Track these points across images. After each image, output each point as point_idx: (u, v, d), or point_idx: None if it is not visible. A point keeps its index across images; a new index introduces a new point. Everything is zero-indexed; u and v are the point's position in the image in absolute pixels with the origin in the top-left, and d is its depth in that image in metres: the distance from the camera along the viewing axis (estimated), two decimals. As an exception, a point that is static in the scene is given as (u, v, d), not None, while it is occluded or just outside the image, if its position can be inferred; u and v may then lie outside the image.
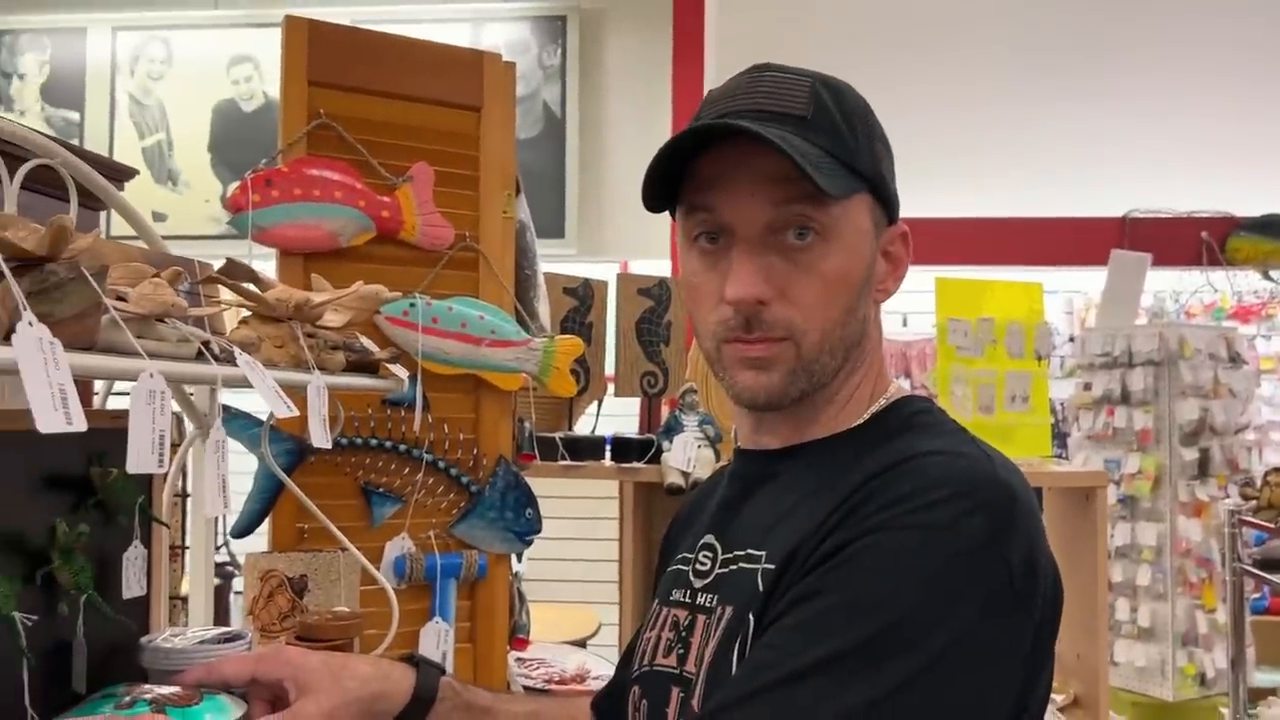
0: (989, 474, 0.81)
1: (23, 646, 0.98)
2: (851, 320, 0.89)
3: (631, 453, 2.24)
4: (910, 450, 0.83)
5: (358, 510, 1.65)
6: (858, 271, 0.88)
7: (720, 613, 0.88)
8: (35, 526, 1.04)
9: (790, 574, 0.82)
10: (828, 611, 0.76)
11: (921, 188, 5.04)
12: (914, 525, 0.77)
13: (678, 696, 0.91)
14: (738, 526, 0.94)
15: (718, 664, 0.86)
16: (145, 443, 0.81)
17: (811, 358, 0.88)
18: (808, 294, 0.86)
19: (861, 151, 0.88)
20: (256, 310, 1.11)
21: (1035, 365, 2.29)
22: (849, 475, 0.84)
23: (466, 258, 1.73)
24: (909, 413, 0.93)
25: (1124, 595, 3.75)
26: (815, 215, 0.86)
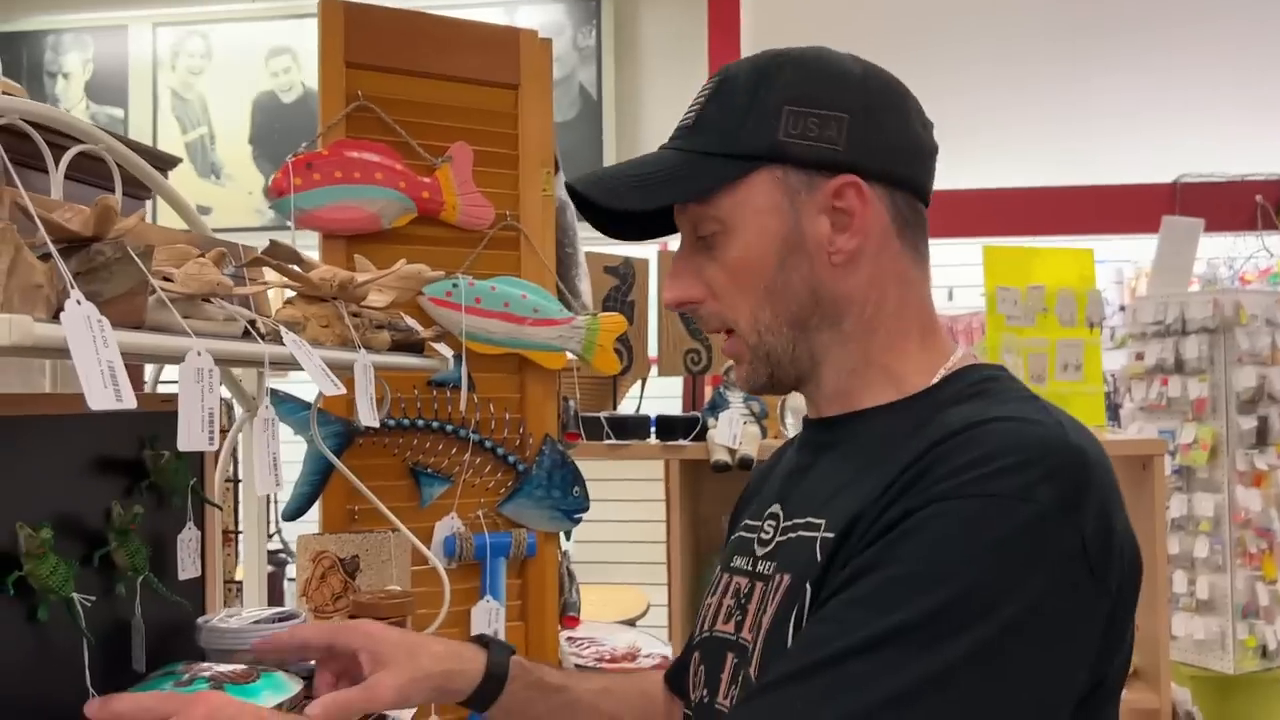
0: (1060, 439, 0.78)
1: (83, 627, 0.99)
2: (782, 296, 0.88)
3: (677, 431, 2.23)
4: (976, 417, 0.80)
5: (407, 491, 1.65)
6: (766, 250, 0.88)
7: (778, 580, 0.87)
8: (91, 509, 1.06)
9: (850, 544, 0.79)
10: (889, 584, 0.74)
11: (967, 158, 4.95)
12: (980, 494, 0.74)
13: (731, 662, 0.90)
14: (800, 494, 0.92)
15: (774, 632, 0.84)
16: (195, 421, 0.81)
17: (755, 342, 0.90)
18: (723, 286, 0.90)
19: (751, 131, 0.87)
20: (301, 290, 1.11)
21: (1087, 333, 2.25)
22: (910, 442, 0.81)
23: (508, 237, 1.73)
24: (975, 379, 0.89)
25: (1181, 568, 3.68)
26: (704, 213, 0.89)
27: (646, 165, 0.90)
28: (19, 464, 0.96)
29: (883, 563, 0.75)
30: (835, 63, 0.89)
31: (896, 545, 0.75)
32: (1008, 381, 0.90)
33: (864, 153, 0.87)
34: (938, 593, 0.72)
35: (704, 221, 0.89)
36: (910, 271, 0.91)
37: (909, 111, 0.91)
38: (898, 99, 0.90)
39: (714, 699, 0.92)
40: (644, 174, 0.89)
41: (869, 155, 0.87)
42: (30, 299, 0.71)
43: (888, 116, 0.88)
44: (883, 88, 0.90)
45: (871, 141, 0.87)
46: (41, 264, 0.73)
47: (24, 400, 1.02)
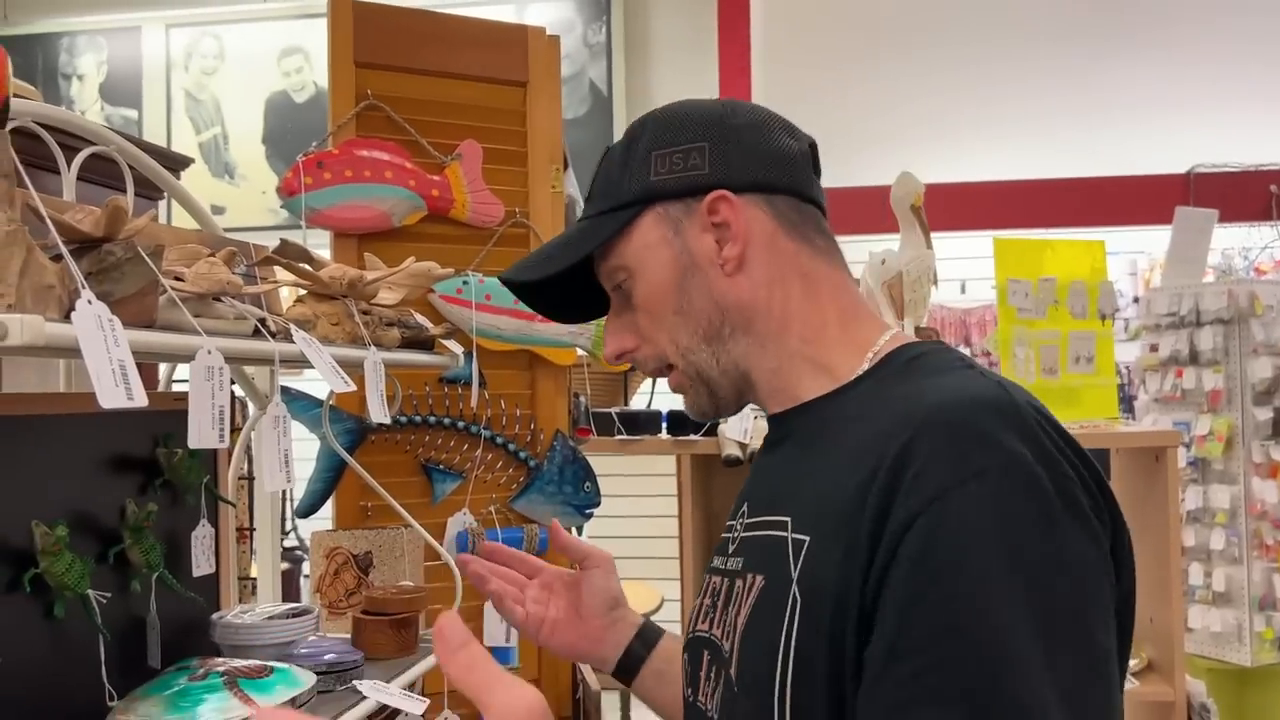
0: (1002, 400, 0.79)
1: (99, 623, 1.01)
2: (690, 314, 0.94)
3: (688, 426, 2.24)
4: (926, 399, 0.80)
5: (419, 487, 1.66)
6: (665, 279, 0.94)
7: (749, 580, 0.87)
8: (106, 507, 1.07)
9: (846, 556, 0.77)
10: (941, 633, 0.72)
11: (979, 151, 4.94)
12: (973, 479, 0.74)
13: (707, 659, 0.91)
14: (760, 491, 0.95)
15: (752, 634, 0.84)
16: (206, 418, 0.82)
17: (684, 366, 0.95)
18: (645, 326, 0.96)
19: (625, 182, 0.95)
20: (311, 288, 1.12)
21: (1099, 325, 2.24)
22: (857, 430, 0.83)
23: (517, 233, 1.74)
24: (906, 359, 0.91)
25: (1197, 560, 3.65)
26: (610, 268, 0.96)
27: (554, 241, 1.00)
28: (34, 462, 0.97)
29: (919, 604, 0.73)
30: (694, 106, 0.96)
31: (926, 573, 0.73)
32: (939, 355, 0.90)
33: (728, 170, 0.92)
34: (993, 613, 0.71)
35: (613, 273, 0.96)
36: (810, 265, 0.94)
37: (771, 126, 0.95)
38: (758, 118, 0.95)
39: (696, 697, 0.93)
40: (549, 249, 0.99)
41: (734, 170, 0.93)
42: (42, 299, 0.71)
43: (747, 134, 0.94)
44: (743, 112, 0.96)
45: (733, 159, 0.93)
46: (53, 264, 0.74)
47: (39, 400, 1.03)
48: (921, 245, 2.24)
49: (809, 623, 0.79)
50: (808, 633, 0.78)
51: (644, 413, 2.29)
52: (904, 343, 0.93)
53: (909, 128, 4.74)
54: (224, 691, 0.94)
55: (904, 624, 0.73)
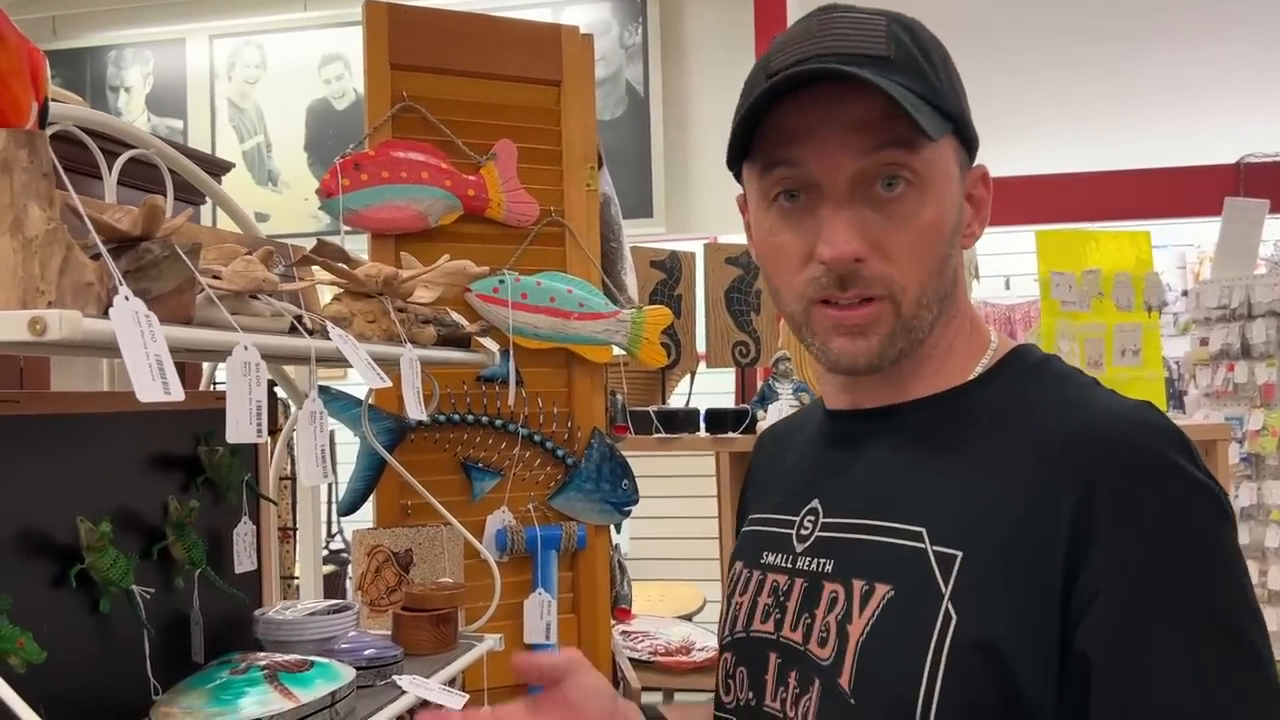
0: (1164, 423, 0.79)
1: (143, 618, 1.02)
2: (945, 271, 0.84)
3: (726, 423, 2.23)
4: (1092, 419, 0.79)
5: (458, 485, 1.67)
6: (950, 219, 0.83)
7: (865, 588, 0.82)
8: (149, 504, 1.08)
9: (1020, 573, 0.76)
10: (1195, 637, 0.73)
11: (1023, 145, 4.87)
12: (1195, 522, 0.75)
13: (775, 662, 0.88)
14: (848, 490, 0.89)
15: (880, 645, 0.80)
16: (243, 413, 0.83)
17: (910, 314, 0.83)
18: (904, 248, 0.81)
19: (945, 90, 0.82)
20: (348, 287, 1.13)
21: (1145, 317, 2.20)
22: (1024, 449, 0.80)
23: (552, 232, 1.74)
24: (1034, 361, 0.88)
25: (1252, 558, 3.57)
26: (907, 162, 0.80)
27: (893, 88, 0.78)
28: (80, 460, 0.99)
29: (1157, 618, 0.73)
30: None
31: (1153, 592, 0.73)
32: (1060, 362, 0.88)
33: (978, 143, 0.87)
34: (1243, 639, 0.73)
35: (895, 169, 0.80)
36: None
37: None
38: None
39: (761, 701, 0.88)
40: (897, 92, 0.78)
41: (977, 145, 0.87)
42: (81, 296, 0.73)
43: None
44: None
45: (975, 131, 0.87)
46: (92, 263, 0.76)
47: (84, 399, 1.05)
48: (961, 239, 2.21)
49: (972, 638, 0.75)
50: (968, 648, 0.75)
51: (682, 411, 2.28)
52: (1013, 346, 0.90)
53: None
54: (265, 685, 0.96)
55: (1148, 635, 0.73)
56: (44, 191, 0.73)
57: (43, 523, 0.94)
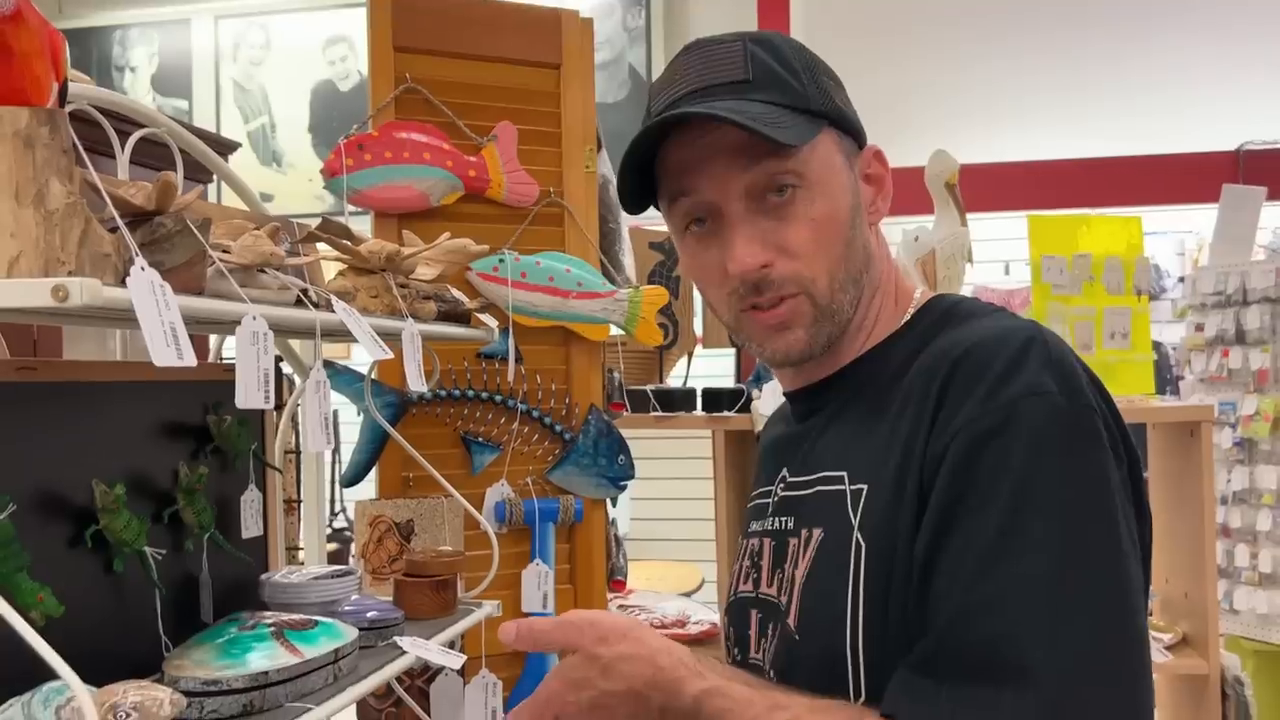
0: (1032, 333, 0.83)
1: (154, 578, 1.07)
2: (852, 254, 0.91)
3: (722, 403, 2.27)
4: (964, 339, 0.85)
5: (458, 459, 1.72)
6: (843, 207, 0.90)
7: (806, 535, 0.90)
8: (160, 471, 1.13)
9: (905, 490, 0.82)
10: (989, 538, 0.76)
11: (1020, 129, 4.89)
12: (1003, 407, 0.78)
13: (756, 617, 0.94)
14: (803, 456, 0.96)
15: (812, 583, 0.87)
16: (252, 380, 0.87)
17: (826, 303, 0.90)
18: (804, 244, 0.88)
19: (810, 91, 0.90)
20: (352, 263, 1.17)
21: (1135, 301, 2.23)
22: (903, 381, 0.86)
23: (552, 213, 1.78)
24: (944, 308, 0.94)
25: (1243, 541, 3.62)
26: (787, 168, 0.87)
27: (752, 108, 0.86)
28: (95, 426, 1.03)
29: (964, 517, 0.77)
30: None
31: (965, 489, 0.77)
32: (973, 302, 0.94)
33: (861, 129, 0.94)
34: (1036, 521, 0.75)
35: (780, 178, 0.87)
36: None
37: None
38: None
39: (746, 655, 0.96)
40: (755, 114, 0.86)
41: (863, 131, 0.94)
42: (100, 266, 0.77)
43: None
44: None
45: (855, 118, 0.94)
46: (110, 235, 0.80)
47: (98, 367, 1.09)
48: (956, 223, 2.25)
49: (877, 568, 0.82)
50: (878, 577, 0.81)
51: (679, 390, 2.32)
52: (932, 296, 0.97)
53: (946, 108, 4.71)
54: (271, 641, 1.00)
55: (950, 519, 0.77)
56: (64, 167, 0.77)
57: (60, 485, 0.98)
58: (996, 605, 0.74)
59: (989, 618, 0.74)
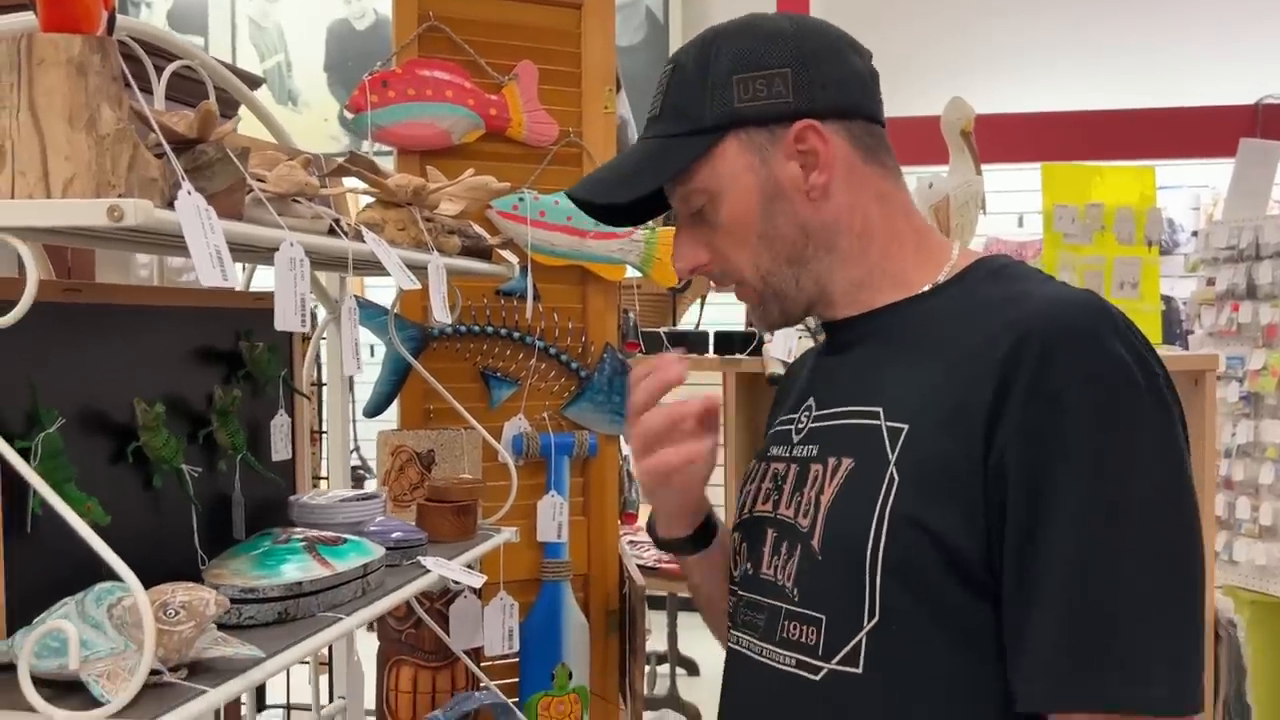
0: (1100, 305, 0.88)
1: (191, 494, 1.12)
2: (774, 238, 0.98)
3: (734, 346, 2.30)
4: (1026, 305, 0.88)
5: (477, 393, 1.76)
6: (749, 204, 0.97)
7: (834, 463, 0.95)
8: (195, 393, 1.17)
9: (953, 439, 0.87)
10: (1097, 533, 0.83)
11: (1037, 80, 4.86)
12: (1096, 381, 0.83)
13: (771, 536, 0.99)
14: (834, 387, 1.01)
15: (840, 507, 0.93)
16: (289, 304, 0.91)
17: (761, 286, 1.00)
18: (723, 244, 1.00)
19: (709, 106, 0.97)
20: (379, 196, 1.20)
21: (1145, 251, 2.25)
22: (959, 333, 0.91)
23: (571, 153, 1.80)
24: (995, 266, 0.99)
25: (1245, 494, 3.67)
26: (690, 189, 0.99)
27: (626, 160, 1.03)
28: (135, 348, 1.08)
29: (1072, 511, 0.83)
30: (767, 25, 0.99)
31: (1054, 463, 0.83)
32: (1022, 266, 0.99)
33: (811, 97, 0.96)
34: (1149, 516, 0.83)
35: (691, 196, 0.99)
36: (885, 187, 1.01)
37: (842, 48, 0.99)
38: (830, 39, 0.99)
39: (758, 570, 1.01)
40: (624, 169, 1.02)
41: (816, 98, 0.97)
42: (147, 190, 0.80)
43: (824, 58, 0.98)
44: (816, 33, 0.99)
45: (815, 85, 0.97)
46: (156, 161, 0.83)
47: (138, 292, 1.13)
48: (970, 171, 2.26)
49: (911, 498, 0.88)
50: (908, 506, 0.87)
51: (692, 333, 2.36)
52: (978, 256, 1.01)
53: (962, 60, 4.68)
54: (304, 554, 1.05)
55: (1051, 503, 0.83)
56: (114, 94, 0.80)
57: (103, 403, 1.02)
58: (1109, 591, 0.82)
59: (1105, 608, 0.82)
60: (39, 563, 0.91)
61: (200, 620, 0.81)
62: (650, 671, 4.46)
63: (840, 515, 0.92)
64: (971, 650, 0.88)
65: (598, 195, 1.03)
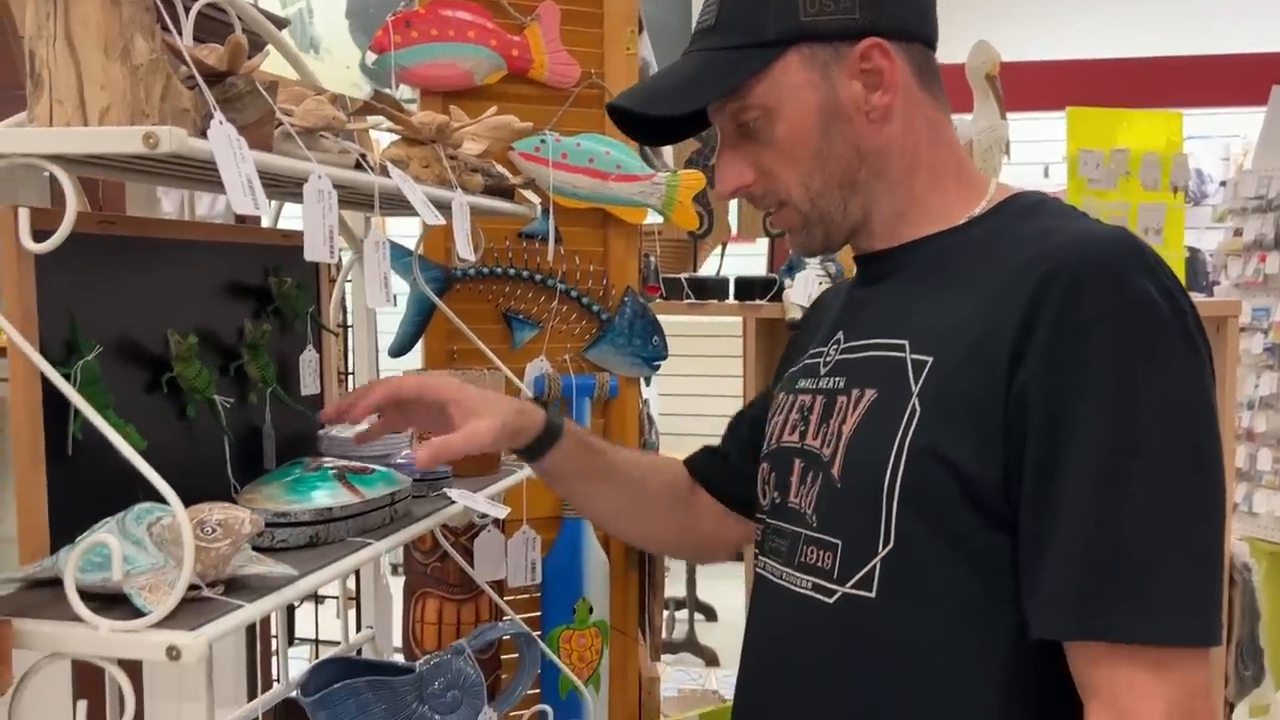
0: (1132, 242, 0.89)
1: (224, 425, 1.15)
2: (829, 159, 0.97)
3: (755, 291, 2.31)
4: (1056, 240, 0.89)
5: (500, 334, 1.79)
6: (808, 121, 0.96)
7: (857, 395, 0.97)
8: (226, 327, 1.20)
9: (975, 371, 0.88)
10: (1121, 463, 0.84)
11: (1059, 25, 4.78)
12: (1116, 313, 0.84)
13: (799, 466, 1.02)
14: (863, 320, 1.03)
15: (860, 437, 0.94)
16: (318, 235, 0.93)
17: (808, 209, 0.99)
18: (774, 163, 0.98)
19: (771, 20, 0.95)
20: (404, 133, 1.22)
21: (1171, 197, 2.24)
22: (992, 268, 0.92)
23: (592, 95, 1.81)
24: (1030, 202, 0.99)
25: (1267, 445, 3.66)
26: (745, 105, 0.97)
27: (679, 73, 1.00)
28: (167, 280, 1.10)
29: (1088, 443, 0.84)
30: None
31: (1078, 399, 0.84)
32: (1057, 202, 0.99)
33: (877, 15, 0.95)
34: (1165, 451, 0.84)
35: (743, 111, 0.97)
36: (938, 117, 1.01)
37: None
38: None
39: (785, 499, 1.04)
40: (678, 81, 0.99)
41: (882, 17, 0.96)
42: (180, 120, 0.82)
43: None
44: None
45: (882, 4, 0.96)
46: (188, 92, 0.85)
47: (169, 225, 1.16)
48: (995, 115, 2.25)
49: (931, 429, 0.89)
50: (928, 436, 0.89)
51: (712, 279, 2.37)
52: (1014, 192, 1.02)
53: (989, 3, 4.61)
54: (334, 482, 1.08)
55: (1066, 435, 0.84)
56: (147, 25, 0.82)
57: (138, 333, 1.05)
58: (1127, 524, 0.83)
59: (1123, 540, 0.83)
60: (79, 485, 0.95)
61: (236, 538, 0.85)
62: (669, 616, 4.54)
63: (860, 444, 0.94)
64: (984, 579, 0.90)
65: (650, 107, 1.00)
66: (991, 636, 0.90)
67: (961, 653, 0.90)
